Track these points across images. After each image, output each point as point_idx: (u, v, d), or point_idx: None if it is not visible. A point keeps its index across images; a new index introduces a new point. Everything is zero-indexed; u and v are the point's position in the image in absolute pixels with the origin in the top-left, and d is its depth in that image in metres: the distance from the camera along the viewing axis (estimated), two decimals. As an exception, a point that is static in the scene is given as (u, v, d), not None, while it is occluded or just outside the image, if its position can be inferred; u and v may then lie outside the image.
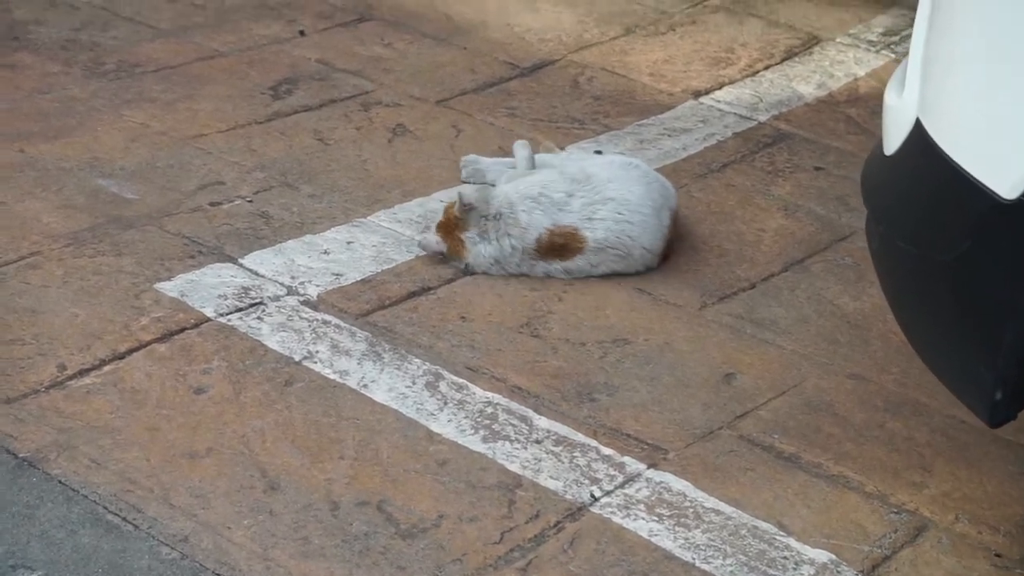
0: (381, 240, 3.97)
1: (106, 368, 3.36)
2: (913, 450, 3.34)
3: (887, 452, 3.33)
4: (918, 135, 2.56)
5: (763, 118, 4.91)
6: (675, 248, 4.06)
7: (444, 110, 4.77)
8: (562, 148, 4.42)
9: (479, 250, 3.80)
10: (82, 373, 3.34)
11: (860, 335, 3.76)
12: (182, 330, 3.51)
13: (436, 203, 4.18)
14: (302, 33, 5.25)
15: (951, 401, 3.44)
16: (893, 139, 2.64)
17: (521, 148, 4.17)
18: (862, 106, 5.07)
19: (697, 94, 5.05)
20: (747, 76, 5.20)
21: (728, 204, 4.36)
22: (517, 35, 5.35)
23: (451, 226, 3.80)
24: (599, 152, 4.54)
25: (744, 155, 4.65)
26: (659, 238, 3.94)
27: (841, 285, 3.98)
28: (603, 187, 3.94)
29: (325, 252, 3.89)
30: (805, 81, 5.19)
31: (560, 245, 3.84)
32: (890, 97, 2.71)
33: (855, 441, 3.35)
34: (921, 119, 2.56)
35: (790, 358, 3.64)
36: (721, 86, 5.13)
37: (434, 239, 3.82)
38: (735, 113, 4.93)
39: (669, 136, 4.73)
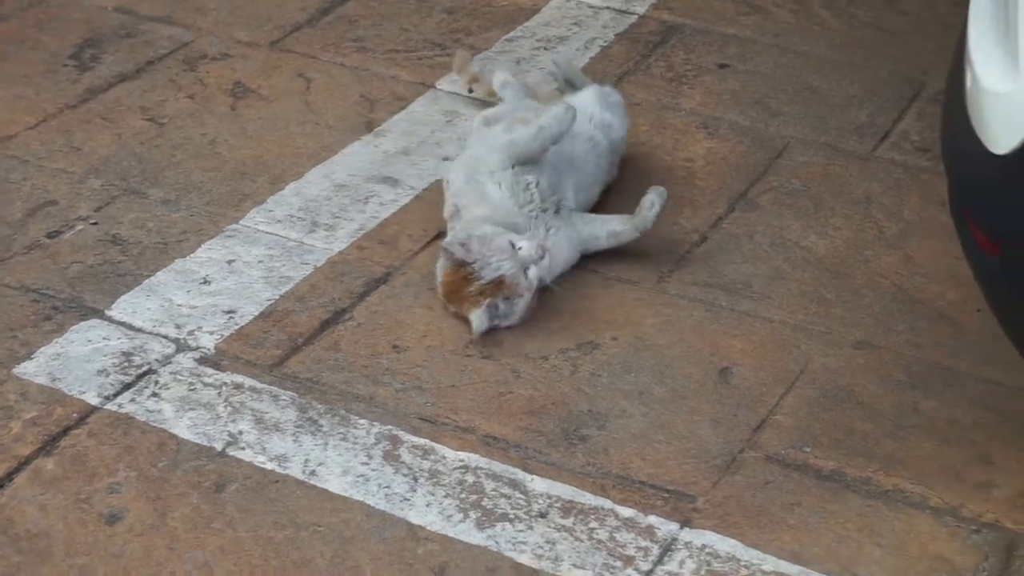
0: (266, 252, 3.30)
1: (-13, 506, 2.66)
2: (962, 436, 2.85)
3: (935, 446, 2.83)
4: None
5: (641, 9, 4.30)
6: (604, 202, 3.47)
7: (283, 55, 4.06)
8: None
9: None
10: (-42, 519, 2.64)
11: (846, 286, 3.24)
12: (66, 431, 2.83)
13: (315, 189, 3.51)
14: (87, -25, 4.43)
15: (977, 359, 2.98)
16: (1008, 134, 2.07)
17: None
18: (743, -24, 4.49)
19: (560, -12, 4.40)
20: (607, -43, 4.56)
21: (641, 130, 3.78)
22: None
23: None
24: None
25: (636, 61, 4.06)
26: None
27: (801, 219, 3.45)
28: None
29: (205, 281, 3.21)
30: (672, -46, 4.58)
31: None
32: (992, 81, 2.13)
33: (894, 437, 2.85)
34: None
35: (782, 333, 3.11)
36: (582, -26, 4.49)
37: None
38: (609, 7, 4.31)
39: (545, 49, 4.10)
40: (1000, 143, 2.11)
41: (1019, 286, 2.16)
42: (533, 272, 3.03)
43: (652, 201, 3.20)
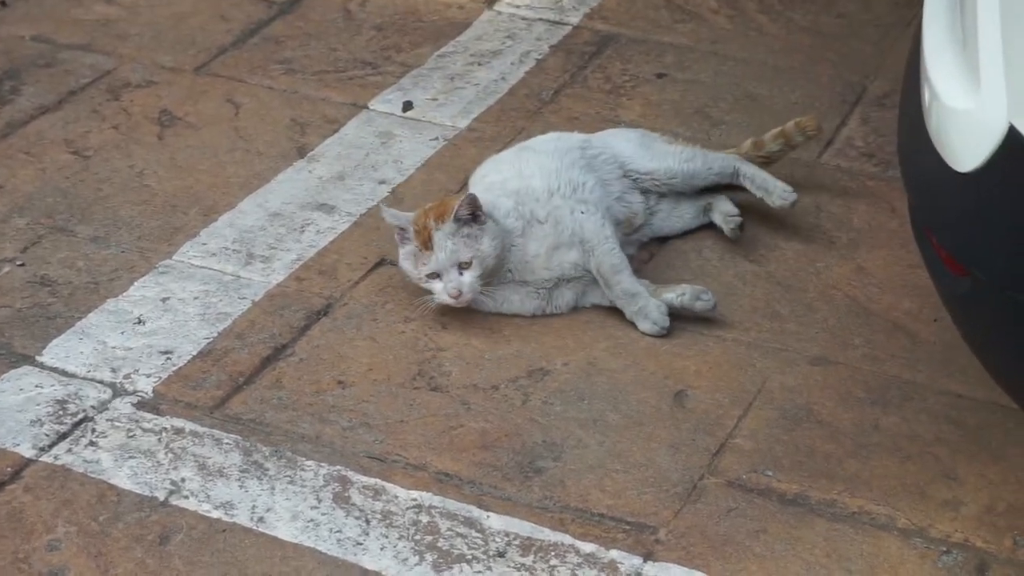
0: (202, 287, 3.19)
1: (-80, 571, 2.54)
2: (926, 453, 2.79)
3: (899, 463, 2.77)
4: (1016, 145, 1.93)
5: (575, 20, 4.22)
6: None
7: (209, 80, 3.95)
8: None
9: None
10: None
11: (800, 300, 3.18)
12: (1, 487, 2.70)
13: (249, 219, 3.40)
14: (3, 3, 4.30)
15: (935, 371, 2.92)
16: (971, 152, 2.01)
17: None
18: (676, -17, 4.42)
19: (490, 1, 4.31)
20: (537, -33, 4.48)
21: (581, 145, 3.68)
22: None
23: None
24: (409, 103, 3.81)
25: (573, 73, 3.97)
26: None
27: (749, 232, 3.38)
28: None
29: (139, 321, 3.10)
30: (603, -38, 4.50)
31: None
32: (953, 98, 2.06)
33: (857, 456, 2.78)
34: (1018, 125, 1.93)
35: (736, 352, 3.03)
36: (513, -15, 4.41)
37: None
38: (541, 19, 4.23)
39: (479, 64, 4.01)
40: (963, 161, 2.04)
41: (989, 306, 2.09)
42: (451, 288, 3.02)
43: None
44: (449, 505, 2.66)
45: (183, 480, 2.71)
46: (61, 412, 2.86)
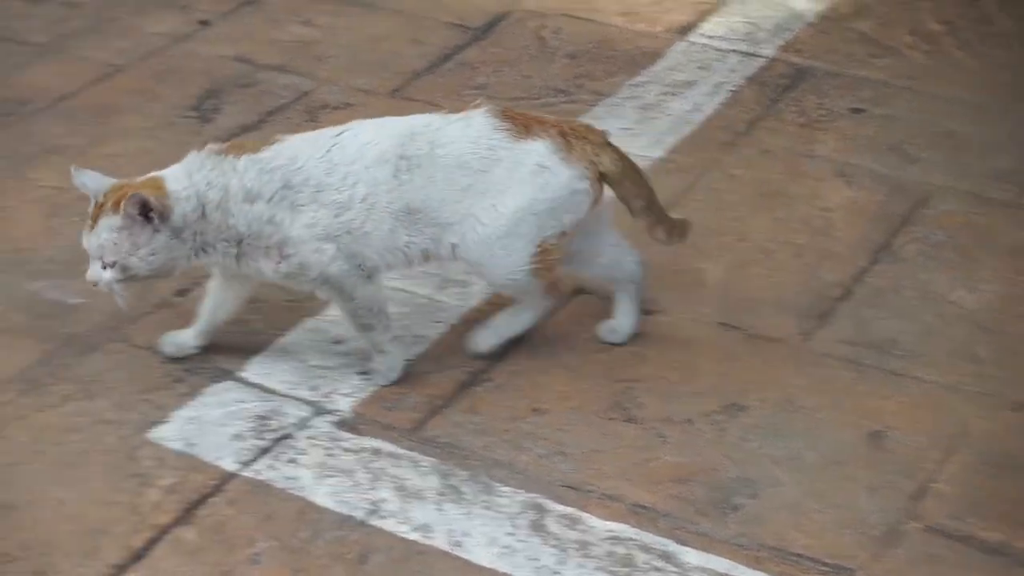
0: (400, 309, 3.22)
1: (126, 580, 2.60)
2: None
3: (1104, 515, 2.70)
4: None
5: (769, 51, 4.20)
6: (742, 254, 3.38)
7: (404, 103, 3.99)
8: None
9: None
10: (98, 593, 2.58)
11: (1001, 343, 3.13)
12: (204, 499, 2.76)
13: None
14: (205, 23, 4.39)
15: None
16: None
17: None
18: (872, 18, 4.40)
19: (683, 31, 4.32)
20: (730, -2, 4.48)
21: (775, 178, 3.68)
22: (453, -15, 4.55)
23: None
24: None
25: (767, 106, 3.96)
26: None
27: (947, 271, 3.34)
28: None
29: (337, 341, 3.14)
30: (797, -6, 4.49)
31: None
32: None
33: (1061, 506, 2.73)
34: None
35: (935, 394, 2.99)
36: (705, 16, 4.40)
37: None
38: (735, 50, 4.22)
39: (673, 95, 4.01)
40: None
41: None
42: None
43: None
44: (645, 538, 2.66)
45: (382, 501, 2.74)
46: (262, 427, 2.91)
